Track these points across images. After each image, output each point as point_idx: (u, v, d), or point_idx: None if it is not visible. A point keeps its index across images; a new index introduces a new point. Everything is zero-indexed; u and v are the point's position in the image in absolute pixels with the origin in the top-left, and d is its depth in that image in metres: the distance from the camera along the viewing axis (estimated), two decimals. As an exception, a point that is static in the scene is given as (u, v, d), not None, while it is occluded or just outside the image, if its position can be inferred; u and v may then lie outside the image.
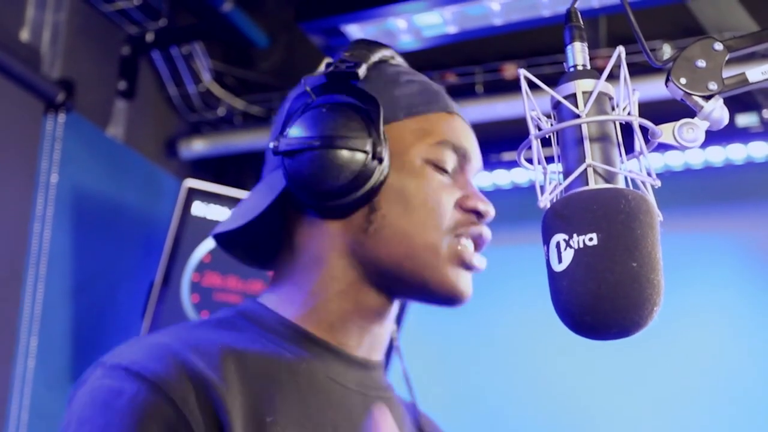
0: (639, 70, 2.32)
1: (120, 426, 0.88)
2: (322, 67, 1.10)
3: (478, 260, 1.11)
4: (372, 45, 1.13)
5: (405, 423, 1.14)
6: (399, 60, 1.17)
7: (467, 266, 1.09)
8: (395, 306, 1.12)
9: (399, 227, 1.04)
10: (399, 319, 2.60)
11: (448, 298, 1.08)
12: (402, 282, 1.06)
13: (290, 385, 0.99)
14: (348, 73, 1.06)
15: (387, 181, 1.05)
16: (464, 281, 1.09)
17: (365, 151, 1.01)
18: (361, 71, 1.07)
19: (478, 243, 1.11)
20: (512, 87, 2.73)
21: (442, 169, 1.08)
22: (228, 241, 1.14)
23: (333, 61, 1.09)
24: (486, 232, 1.11)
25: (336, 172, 1.01)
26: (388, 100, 1.07)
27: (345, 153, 1.01)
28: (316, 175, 1.01)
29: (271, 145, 1.05)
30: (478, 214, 1.10)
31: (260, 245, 1.15)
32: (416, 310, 2.70)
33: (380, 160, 1.03)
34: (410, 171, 1.06)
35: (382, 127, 1.03)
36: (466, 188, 1.10)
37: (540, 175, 0.78)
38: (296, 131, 1.04)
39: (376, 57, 1.11)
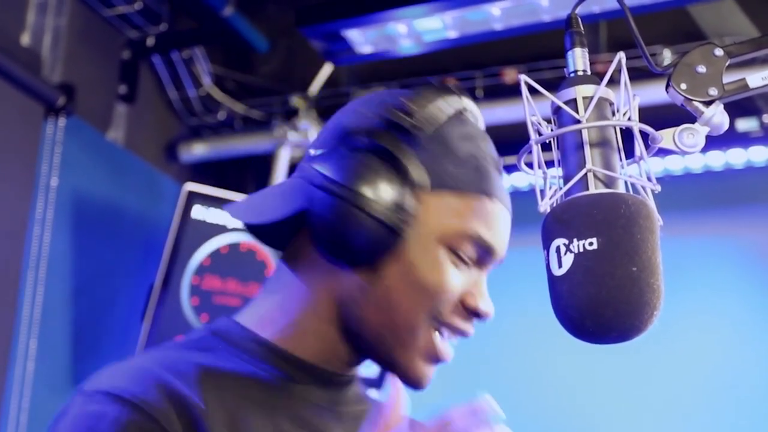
0: (639, 74, 2.33)
1: None
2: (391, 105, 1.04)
3: (447, 353, 1.06)
4: (445, 103, 1.07)
5: None
6: (471, 112, 1.11)
7: (435, 359, 1.05)
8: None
9: (396, 303, 1.01)
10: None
11: (408, 383, 1.04)
12: (374, 352, 1.04)
13: (265, 404, 0.99)
14: (410, 134, 1.02)
15: (402, 247, 1.00)
16: (428, 374, 1.06)
17: (388, 215, 0.98)
18: (424, 137, 1.02)
19: (457, 335, 1.07)
20: (512, 91, 2.73)
21: (459, 257, 1.03)
22: (254, 228, 1.12)
23: (399, 109, 1.03)
24: (471, 330, 1.07)
25: (352, 228, 0.98)
26: (436, 166, 1.03)
27: (368, 214, 0.97)
28: (333, 223, 0.98)
29: (307, 165, 1.03)
30: (476, 315, 1.05)
31: (278, 238, 1.11)
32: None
33: (398, 229, 0.99)
34: (428, 247, 1.01)
35: (415, 196, 1.00)
36: (475, 286, 1.05)
37: (540, 180, 0.78)
38: (333, 168, 1.00)
39: (444, 116, 1.05)
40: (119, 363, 0.99)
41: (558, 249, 0.71)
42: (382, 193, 0.99)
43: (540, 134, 0.78)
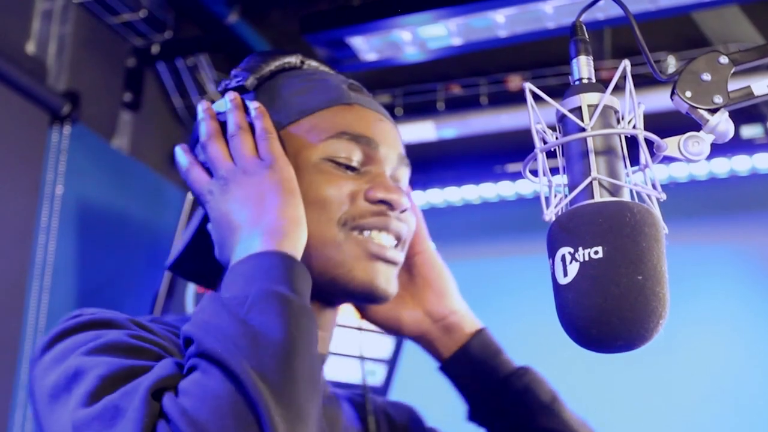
0: (644, 81, 2.33)
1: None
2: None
3: (392, 253, 1.06)
4: (269, 55, 1.13)
5: (349, 418, 1.16)
6: (312, 64, 1.16)
7: (380, 257, 1.05)
8: (336, 311, 1.10)
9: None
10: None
11: (363, 294, 1.04)
12: (318, 284, 1.01)
13: None
14: (236, 88, 1.08)
15: None
16: (381, 275, 1.05)
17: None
18: (248, 83, 1.08)
19: (390, 235, 1.06)
20: (517, 98, 2.73)
21: (345, 165, 1.05)
22: (179, 266, 1.16)
23: (225, 79, 1.11)
24: (394, 223, 1.06)
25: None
26: (279, 107, 1.07)
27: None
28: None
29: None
30: (388, 205, 1.05)
31: (204, 266, 1.13)
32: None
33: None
34: (306, 170, 1.04)
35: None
36: (374, 179, 1.06)
37: (545, 188, 0.78)
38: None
39: (271, 66, 1.11)
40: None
41: (563, 257, 0.71)
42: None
43: (545, 142, 0.78)
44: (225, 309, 0.85)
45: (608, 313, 0.68)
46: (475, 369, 1.18)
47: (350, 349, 2.69)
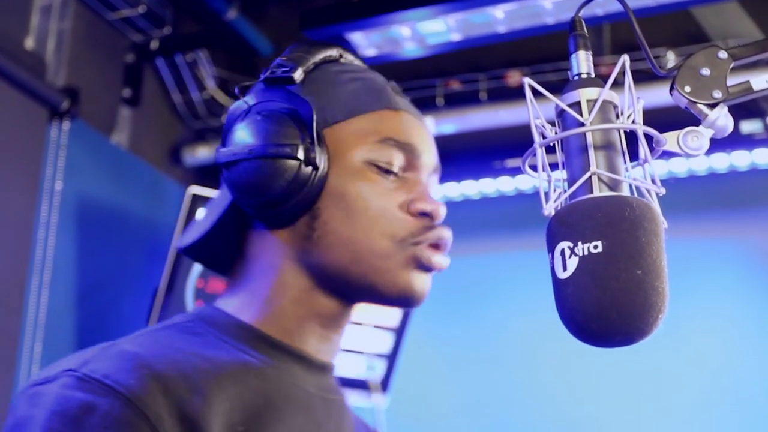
0: (643, 76, 2.33)
1: None
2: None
3: (438, 260, 1.06)
4: (313, 46, 1.11)
5: (354, 426, 1.15)
6: (349, 58, 1.14)
7: (425, 268, 1.05)
8: (352, 311, 1.10)
9: (342, 234, 1.02)
10: (400, 334, 2.61)
11: (400, 299, 1.05)
12: (351, 285, 1.03)
13: (260, 391, 0.98)
14: (283, 78, 1.05)
15: (327, 186, 1.02)
16: (419, 281, 1.05)
17: (298, 158, 0.99)
18: (297, 75, 1.05)
19: (439, 246, 1.06)
20: (516, 94, 2.73)
21: (386, 171, 1.05)
22: (193, 250, 1.14)
23: (271, 66, 1.08)
24: (444, 233, 1.07)
25: (269, 180, 0.99)
26: (326, 102, 1.05)
27: (276, 161, 0.99)
28: (251, 185, 1.00)
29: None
30: (430, 217, 1.05)
31: (220, 254, 1.13)
32: (421, 316, 2.70)
33: (314, 166, 1.00)
34: (350, 174, 1.03)
35: (315, 131, 1.01)
36: (414, 190, 1.06)
37: (545, 183, 0.78)
38: (232, 141, 1.03)
39: (316, 58, 1.09)
40: (108, 346, 0.97)
41: (563, 252, 0.71)
42: (280, 135, 1.00)
43: (544, 137, 0.78)
44: None
45: (607, 308, 0.68)
46: None
47: (351, 344, 2.69)
